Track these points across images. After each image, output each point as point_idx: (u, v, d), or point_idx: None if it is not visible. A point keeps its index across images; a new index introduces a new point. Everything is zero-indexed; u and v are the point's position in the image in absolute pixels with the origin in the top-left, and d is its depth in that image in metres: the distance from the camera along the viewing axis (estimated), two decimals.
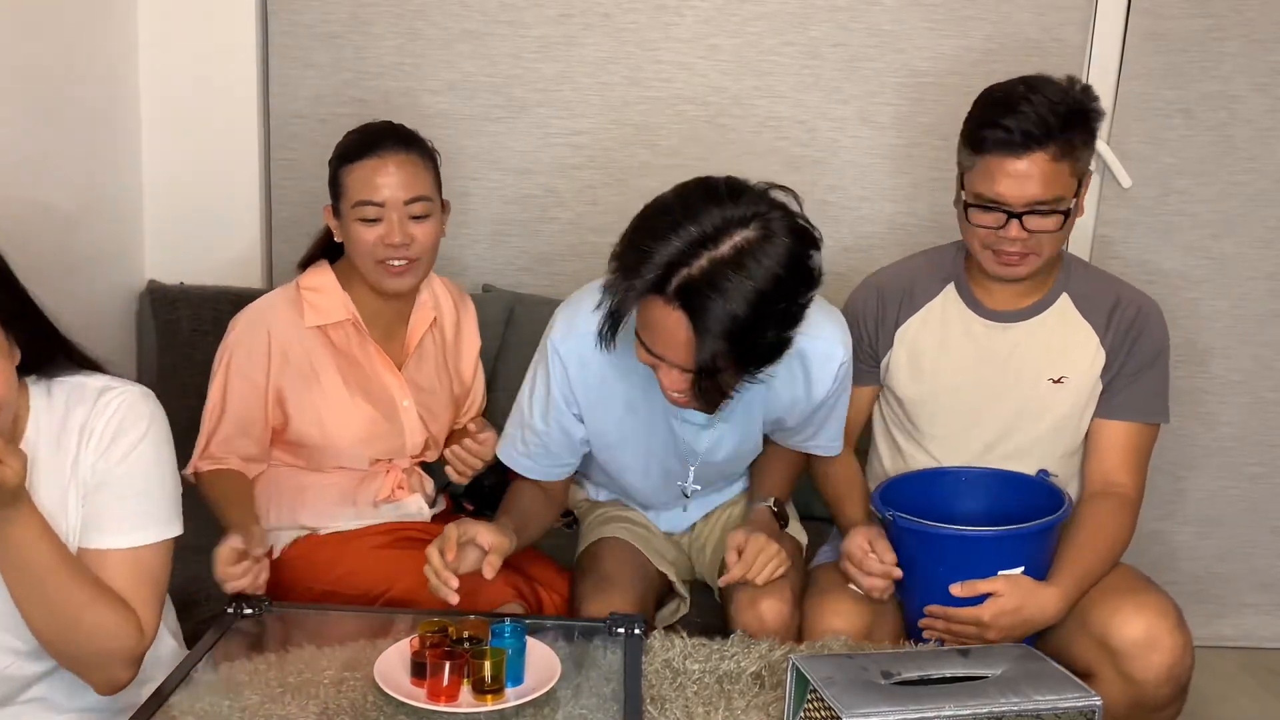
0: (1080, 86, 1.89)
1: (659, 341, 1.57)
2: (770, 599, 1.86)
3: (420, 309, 2.14)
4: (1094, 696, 1.45)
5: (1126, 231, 2.80)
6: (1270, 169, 2.77)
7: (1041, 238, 1.88)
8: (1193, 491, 2.93)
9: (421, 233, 2.00)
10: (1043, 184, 1.83)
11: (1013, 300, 2.01)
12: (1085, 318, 2.00)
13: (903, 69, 2.69)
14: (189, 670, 1.56)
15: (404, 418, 2.09)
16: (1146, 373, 1.99)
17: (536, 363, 1.88)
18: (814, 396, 1.88)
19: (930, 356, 2.04)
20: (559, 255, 2.76)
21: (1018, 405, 2.00)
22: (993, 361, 2.01)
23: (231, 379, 2.01)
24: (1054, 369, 1.99)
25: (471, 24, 2.67)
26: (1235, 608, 2.99)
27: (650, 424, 1.88)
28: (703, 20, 2.68)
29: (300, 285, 2.07)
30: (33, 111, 2.21)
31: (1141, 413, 2.00)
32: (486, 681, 1.51)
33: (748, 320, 1.48)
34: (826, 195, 2.75)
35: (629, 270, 1.52)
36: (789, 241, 1.50)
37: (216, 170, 2.67)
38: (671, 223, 1.50)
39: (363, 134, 2.04)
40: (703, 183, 1.54)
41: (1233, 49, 2.70)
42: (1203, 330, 2.85)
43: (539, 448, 1.91)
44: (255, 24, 2.64)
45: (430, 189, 2.02)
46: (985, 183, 1.86)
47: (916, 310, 2.05)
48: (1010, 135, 1.81)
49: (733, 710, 1.56)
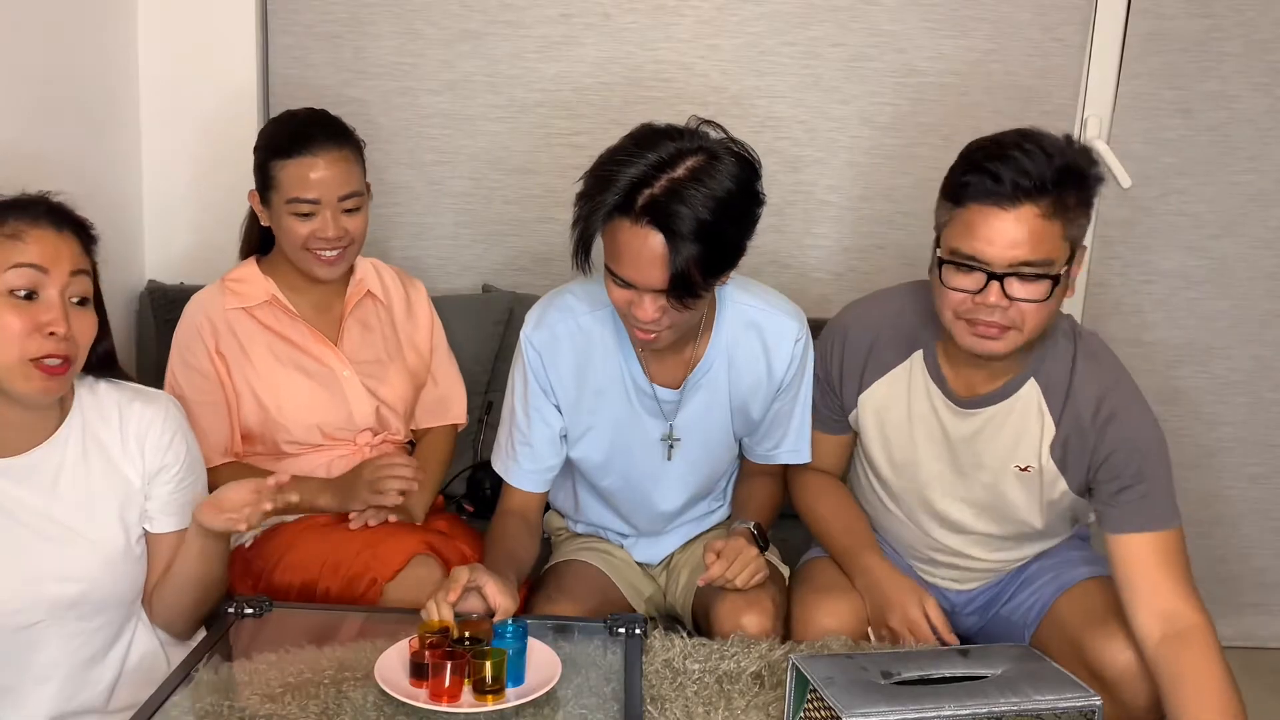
0: (1079, 146, 1.67)
1: (630, 265, 1.66)
2: (752, 613, 1.84)
3: (354, 284, 2.19)
4: (1094, 696, 1.45)
5: (1126, 231, 2.80)
6: (1270, 169, 2.77)
7: (1025, 309, 1.65)
8: (1193, 491, 2.92)
9: (353, 224, 2.08)
10: (1030, 242, 1.60)
11: (981, 384, 1.82)
12: (1048, 407, 1.80)
13: (903, 69, 2.69)
14: (189, 670, 1.57)
15: (346, 387, 2.13)
16: (1132, 481, 1.75)
17: (514, 363, 1.97)
18: (775, 374, 1.94)
19: (897, 428, 1.91)
20: (559, 255, 2.73)
21: (991, 489, 1.87)
22: (958, 442, 1.87)
23: (180, 375, 2.08)
24: (1019, 457, 1.83)
25: (471, 24, 2.67)
26: (1235, 608, 2.99)
27: (622, 406, 1.94)
28: (703, 20, 2.68)
29: (224, 278, 2.16)
30: (32, 111, 2.21)
31: (1132, 525, 1.75)
32: (487, 682, 1.51)
33: (713, 223, 1.62)
34: (827, 195, 2.75)
35: (595, 195, 1.66)
36: (734, 162, 1.67)
37: (216, 170, 2.67)
38: (629, 156, 1.65)
39: (292, 126, 2.08)
40: (649, 126, 1.71)
41: (1233, 49, 2.70)
42: (1203, 330, 2.85)
43: (524, 446, 1.96)
44: (255, 24, 2.64)
45: (361, 182, 2.10)
46: (965, 238, 1.64)
47: (882, 374, 1.91)
48: (998, 185, 1.60)
49: (733, 710, 1.56)
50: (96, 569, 1.62)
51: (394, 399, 2.19)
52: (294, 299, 2.14)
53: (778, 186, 2.73)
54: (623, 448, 1.97)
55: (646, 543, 2.12)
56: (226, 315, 2.11)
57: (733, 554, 1.80)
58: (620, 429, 1.95)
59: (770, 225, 2.75)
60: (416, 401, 2.26)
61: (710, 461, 2.02)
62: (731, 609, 1.85)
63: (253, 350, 2.10)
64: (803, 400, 2.01)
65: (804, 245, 2.78)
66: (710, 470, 2.05)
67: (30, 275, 1.50)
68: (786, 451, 2.04)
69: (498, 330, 2.57)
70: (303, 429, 2.10)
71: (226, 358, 2.10)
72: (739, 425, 2.00)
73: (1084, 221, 1.67)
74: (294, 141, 2.04)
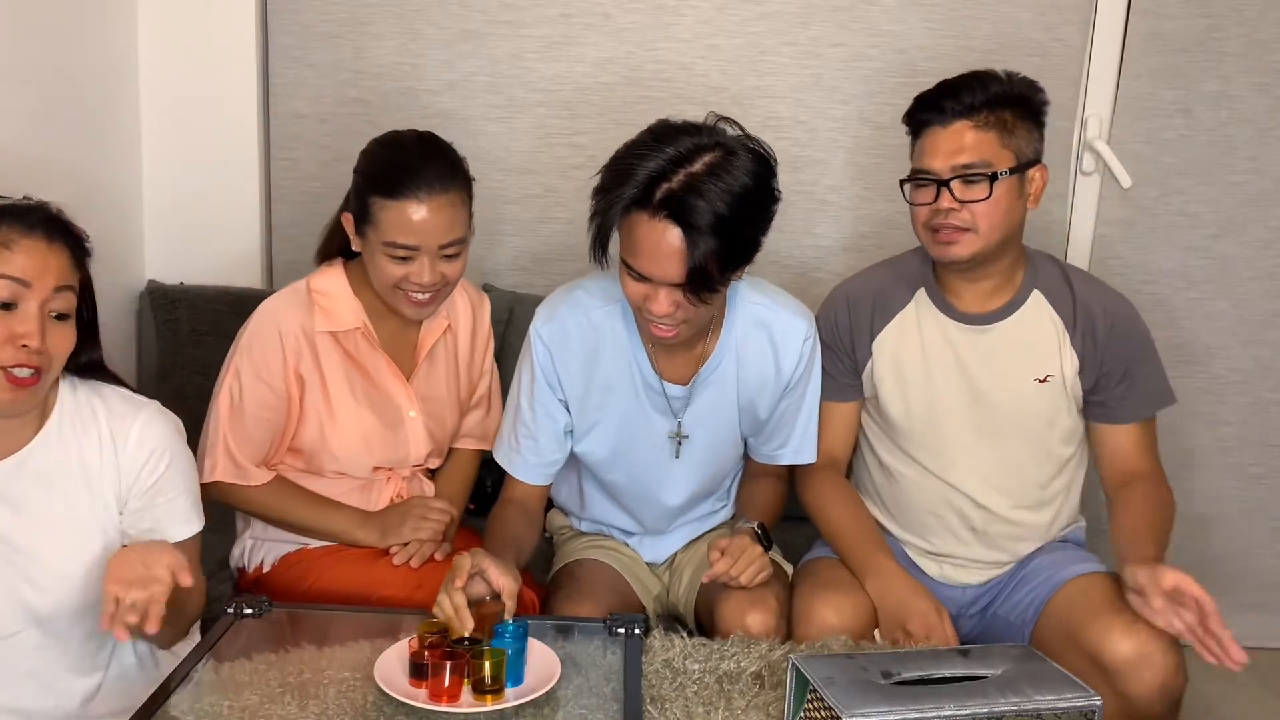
0: (1021, 78, 1.93)
1: (648, 259, 1.69)
2: (756, 611, 1.85)
3: (434, 318, 2.07)
4: (1094, 696, 1.45)
5: (1126, 231, 2.80)
6: (1270, 169, 2.77)
7: (975, 209, 1.88)
8: (1193, 491, 2.93)
9: (452, 270, 1.93)
10: (967, 149, 1.87)
11: (983, 301, 2.00)
12: (1058, 314, 1.99)
13: (903, 69, 2.69)
14: (189, 670, 1.57)
15: (409, 429, 2.06)
16: (1136, 372, 1.98)
17: (522, 356, 1.98)
18: (783, 373, 1.96)
19: (913, 365, 2.02)
20: (559, 255, 2.76)
21: (1009, 407, 1.99)
22: (975, 365, 1.99)
23: (246, 383, 1.96)
24: (1038, 368, 1.98)
25: (471, 24, 2.67)
26: (1235, 608, 2.97)
27: (630, 402, 1.95)
28: (703, 20, 2.68)
29: (311, 288, 2.01)
30: (33, 111, 2.21)
31: (1145, 412, 2.01)
32: (486, 682, 1.51)
33: (730, 218, 1.65)
34: (827, 195, 2.75)
35: (613, 188, 1.69)
36: (750, 158, 1.69)
37: (216, 170, 2.67)
38: (647, 150, 1.68)
39: (402, 158, 1.89)
40: (665, 122, 1.73)
41: (1233, 49, 2.70)
42: (1203, 330, 2.85)
43: (528, 440, 1.98)
44: (255, 24, 2.64)
45: (465, 228, 1.94)
46: (918, 158, 1.94)
47: (890, 319, 2.04)
48: (940, 111, 1.89)
49: (733, 710, 1.56)
50: (73, 578, 1.59)
51: (445, 438, 2.14)
52: (376, 324, 2.02)
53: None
54: (629, 443, 1.97)
55: (651, 541, 2.12)
56: (313, 336, 1.97)
57: (737, 552, 1.81)
58: (628, 424, 1.96)
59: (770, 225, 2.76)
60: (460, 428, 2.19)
61: (717, 459, 2.03)
62: (736, 607, 1.85)
63: (331, 379, 1.99)
64: (809, 401, 2.02)
65: (804, 245, 2.78)
66: (716, 468, 2.05)
67: (11, 288, 1.48)
68: (791, 452, 2.05)
69: (498, 330, 2.57)
70: (355, 464, 2.03)
71: (304, 381, 1.98)
72: (746, 424, 2.01)
73: (1028, 135, 1.91)
74: (401, 179, 1.85)
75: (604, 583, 2.00)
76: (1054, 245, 2.78)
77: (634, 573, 2.08)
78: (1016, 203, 1.91)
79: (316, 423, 2.00)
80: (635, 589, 2.05)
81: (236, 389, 1.96)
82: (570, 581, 2.00)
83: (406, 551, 1.95)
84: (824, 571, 1.99)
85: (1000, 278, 1.98)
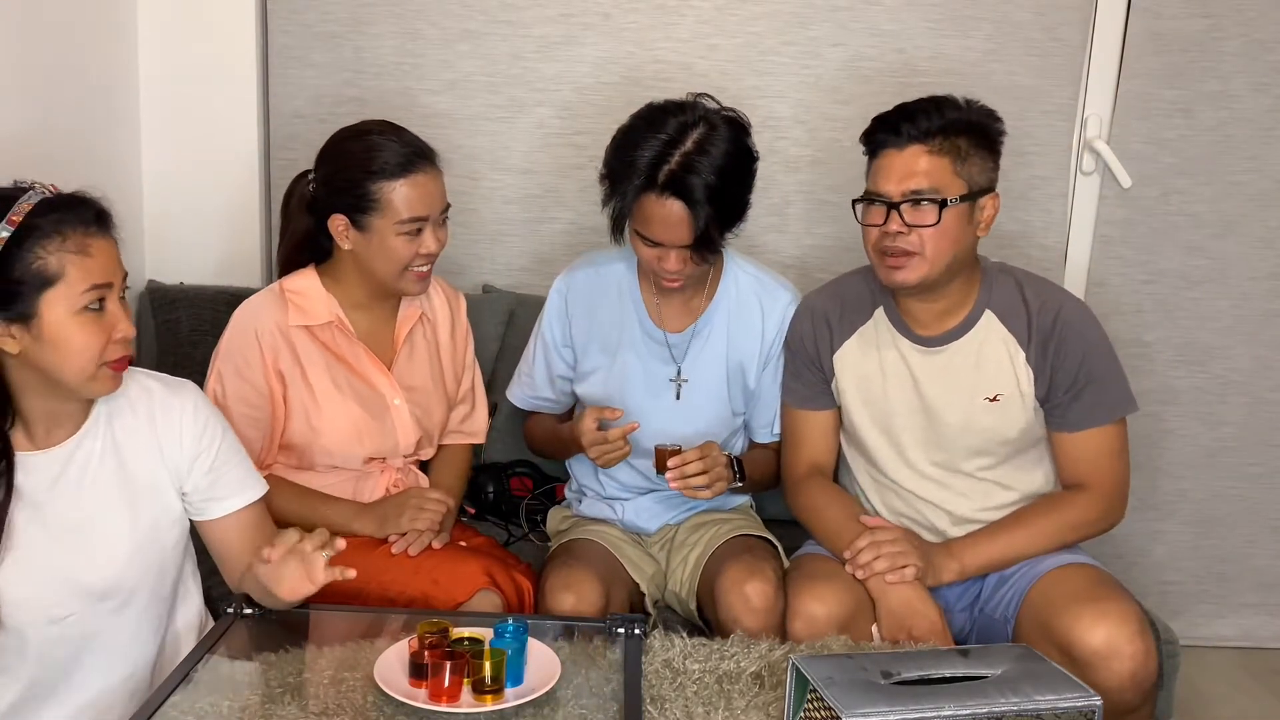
0: (979, 106, 1.95)
1: (660, 229, 1.95)
2: (756, 580, 1.94)
3: (407, 305, 2.15)
4: (1094, 696, 1.45)
5: (1126, 231, 2.80)
6: (1270, 169, 2.77)
7: (923, 234, 1.89)
8: (1193, 491, 2.93)
9: (446, 237, 2.06)
10: (919, 175, 1.89)
11: (935, 323, 2.01)
12: (1011, 332, 1.99)
13: (903, 69, 2.69)
14: (189, 670, 1.57)
15: (395, 417, 2.10)
16: (1086, 378, 1.96)
17: (539, 318, 2.24)
18: (767, 337, 2.15)
19: (873, 381, 2.06)
20: (559, 255, 2.76)
21: (959, 426, 2.00)
22: (926, 384, 2.02)
23: (229, 383, 2.02)
24: (987, 388, 1.99)
25: (471, 24, 2.67)
26: (1235, 608, 2.99)
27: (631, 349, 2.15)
28: (703, 20, 2.68)
29: (284, 287, 2.08)
30: (33, 111, 2.21)
31: (1096, 419, 1.98)
32: (486, 682, 1.51)
33: (721, 185, 1.92)
34: (826, 195, 2.75)
35: (622, 179, 1.95)
36: (728, 126, 1.96)
37: (216, 170, 2.67)
38: (642, 137, 1.94)
39: (387, 141, 2.00)
40: (651, 106, 2.01)
41: (1233, 49, 2.70)
42: (1203, 330, 2.85)
43: (527, 378, 2.28)
44: (255, 24, 2.64)
45: None
46: (871, 179, 1.95)
47: (851, 333, 2.08)
48: (896, 134, 1.91)
49: (733, 710, 1.56)
50: (124, 558, 1.64)
51: (434, 427, 2.18)
52: (353, 317, 2.08)
53: (777, 186, 2.73)
54: (633, 384, 2.14)
55: (641, 505, 2.21)
56: (288, 332, 2.04)
57: (708, 451, 1.99)
58: (631, 367, 2.15)
59: (770, 225, 2.75)
60: (448, 422, 2.25)
61: (714, 405, 2.16)
62: (735, 577, 1.95)
63: (311, 372, 2.05)
64: (776, 370, 2.18)
65: (804, 245, 2.78)
66: (714, 414, 2.16)
67: (103, 293, 1.56)
68: (759, 426, 2.23)
69: (498, 331, 2.57)
70: (347, 455, 2.08)
71: (285, 377, 2.04)
72: (737, 391, 2.16)
73: (982, 164, 1.93)
74: (406, 163, 1.97)
75: (600, 564, 2.06)
76: (1054, 245, 2.79)
77: (626, 554, 2.13)
78: (966, 230, 1.92)
79: (304, 417, 2.05)
80: (629, 569, 2.10)
81: (220, 391, 2.02)
82: (564, 559, 2.06)
83: (405, 540, 1.99)
84: (807, 565, 2.02)
85: (951, 300, 2.00)
